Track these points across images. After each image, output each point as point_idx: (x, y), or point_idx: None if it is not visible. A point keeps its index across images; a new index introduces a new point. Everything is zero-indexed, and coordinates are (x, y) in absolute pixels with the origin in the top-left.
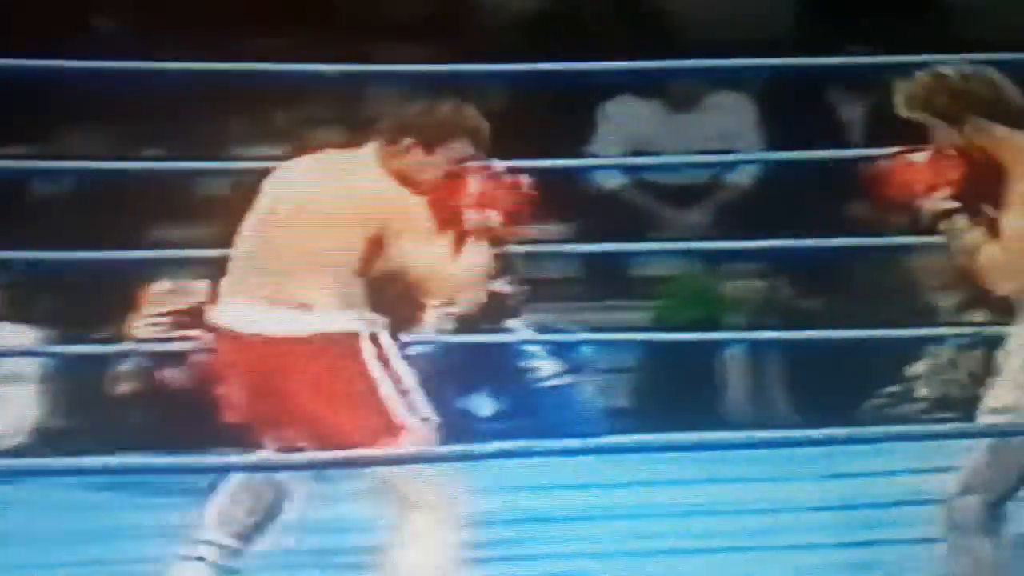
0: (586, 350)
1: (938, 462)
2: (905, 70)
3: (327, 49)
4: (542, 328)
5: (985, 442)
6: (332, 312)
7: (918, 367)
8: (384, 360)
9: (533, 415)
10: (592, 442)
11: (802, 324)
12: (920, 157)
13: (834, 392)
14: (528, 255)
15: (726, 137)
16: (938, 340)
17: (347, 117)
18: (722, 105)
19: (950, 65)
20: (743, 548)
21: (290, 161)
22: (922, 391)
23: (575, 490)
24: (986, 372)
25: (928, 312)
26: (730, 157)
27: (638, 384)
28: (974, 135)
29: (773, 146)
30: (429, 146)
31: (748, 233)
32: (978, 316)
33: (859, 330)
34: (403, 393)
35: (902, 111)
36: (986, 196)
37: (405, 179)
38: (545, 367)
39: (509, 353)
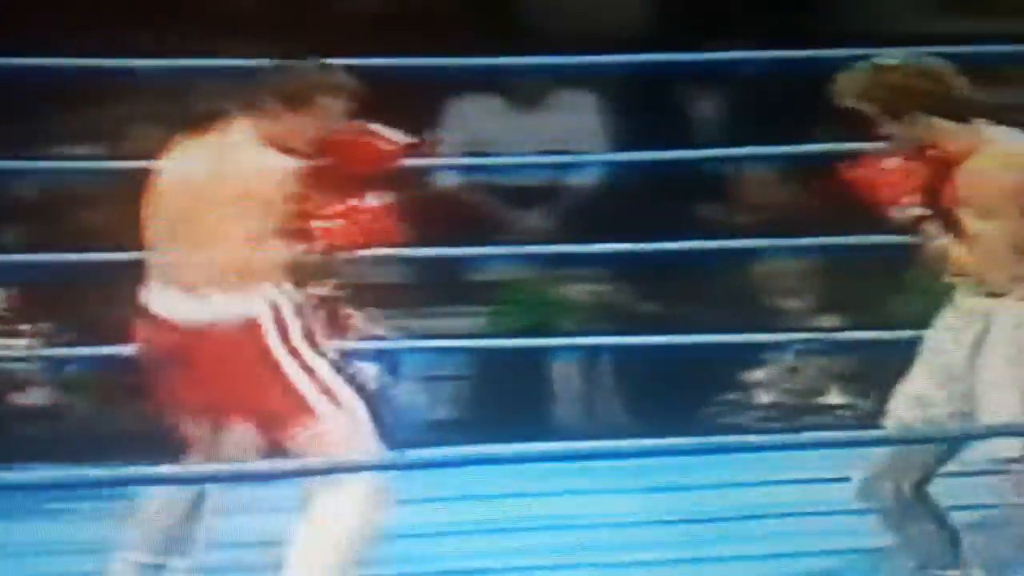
0: (413, 358)
1: (777, 474)
2: (762, 65)
3: (163, 44)
4: (366, 335)
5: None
6: (236, 295)
7: (758, 374)
8: (290, 343)
9: None
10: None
11: (641, 330)
12: (887, 161)
13: (670, 400)
14: (357, 258)
15: (571, 137)
16: (780, 346)
17: (173, 113)
18: (568, 103)
19: (892, 56)
20: (562, 566)
21: (176, 148)
22: (761, 398)
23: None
24: (828, 379)
25: (772, 317)
26: (574, 158)
27: (467, 393)
28: (917, 130)
29: (620, 146)
30: (295, 108)
31: (591, 236)
32: (824, 321)
33: (699, 335)
34: (312, 376)
35: (842, 102)
36: (945, 195)
37: (282, 145)
38: (368, 375)
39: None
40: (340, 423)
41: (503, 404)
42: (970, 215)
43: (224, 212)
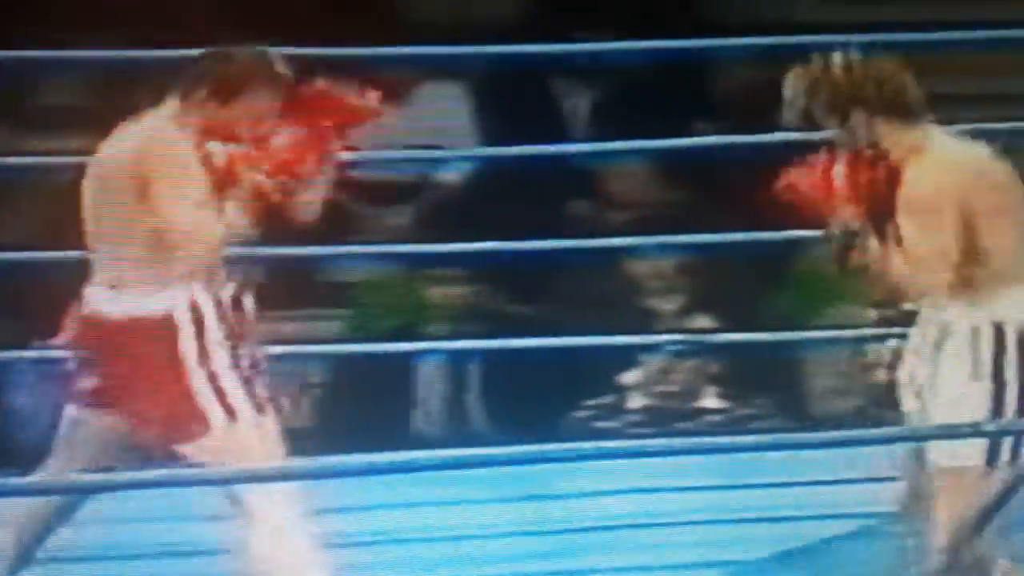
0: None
1: (651, 482)
2: (639, 56)
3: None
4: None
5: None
6: (148, 290)
7: (630, 376)
8: (204, 346)
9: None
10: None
11: (509, 331)
12: (823, 163)
13: (540, 404)
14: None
15: (439, 131)
16: (653, 348)
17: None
18: (434, 96)
19: (838, 51)
20: None
21: (110, 138)
22: (634, 402)
23: None
24: (703, 381)
25: (645, 318)
26: (440, 153)
27: (326, 400)
28: (862, 131)
29: (489, 141)
30: (224, 98)
31: (458, 235)
32: (699, 322)
33: (569, 337)
34: (217, 385)
35: (790, 99)
36: (887, 202)
37: (206, 135)
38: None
39: None
40: (238, 437)
41: (364, 411)
42: (908, 222)
43: (143, 202)
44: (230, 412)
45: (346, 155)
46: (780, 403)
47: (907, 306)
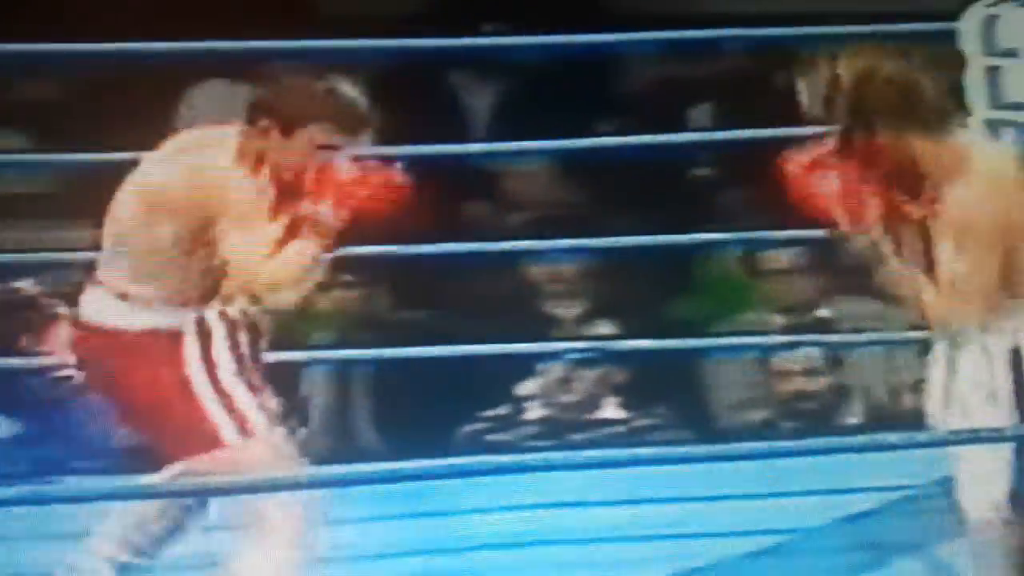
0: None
1: (548, 497)
2: (546, 51)
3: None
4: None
5: None
6: (162, 306)
7: (528, 387)
8: (211, 364)
9: (54, 439)
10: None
11: (399, 341)
12: (837, 174)
13: (431, 417)
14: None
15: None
16: (552, 356)
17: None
18: None
19: (857, 55)
20: None
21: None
22: (531, 414)
23: None
24: (603, 391)
25: (545, 325)
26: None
27: None
28: (883, 139)
29: (385, 139)
30: (288, 128)
31: (343, 239)
32: (600, 329)
33: (463, 346)
34: (226, 403)
35: (807, 104)
36: (914, 220)
37: (262, 163)
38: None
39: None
40: (250, 453)
41: None
42: (946, 246)
43: (163, 218)
44: (243, 427)
45: None
46: (684, 414)
47: (819, 313)
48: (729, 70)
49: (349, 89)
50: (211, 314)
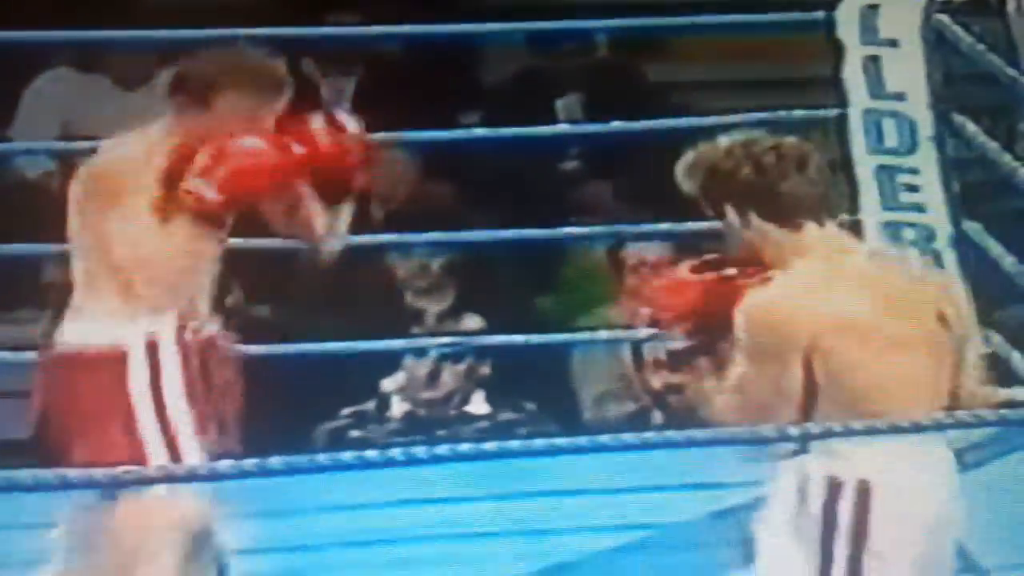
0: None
1: (410, 494)
2: (407, 40)
3: None
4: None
5: None
6: (103, 318)
7: (393, 382)
8: (155, 385)
9: None
10: None
11: (255, 337)
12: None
13: (293, 414)
14: None
15: None
16: (418, 351)
17: None
18: None
19: (737, 135)
20: None
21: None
22: (396, 409)
23: None
24: (469, 386)
25: (408, 319)
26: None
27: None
28: (739, 228)
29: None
30: (204, 99)
31: None
32: (466, 324)
33: (324, 343)
34: (165, 428)
35: (681, 186)
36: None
37: (196, 141)
38: None
39: None
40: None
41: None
42: (743, 352)
43: (94, 219)
44: (174, 453)
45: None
46: (552, 408)
47: None
48: (596, 61)
49: (261, 53)
50: (164, 334)
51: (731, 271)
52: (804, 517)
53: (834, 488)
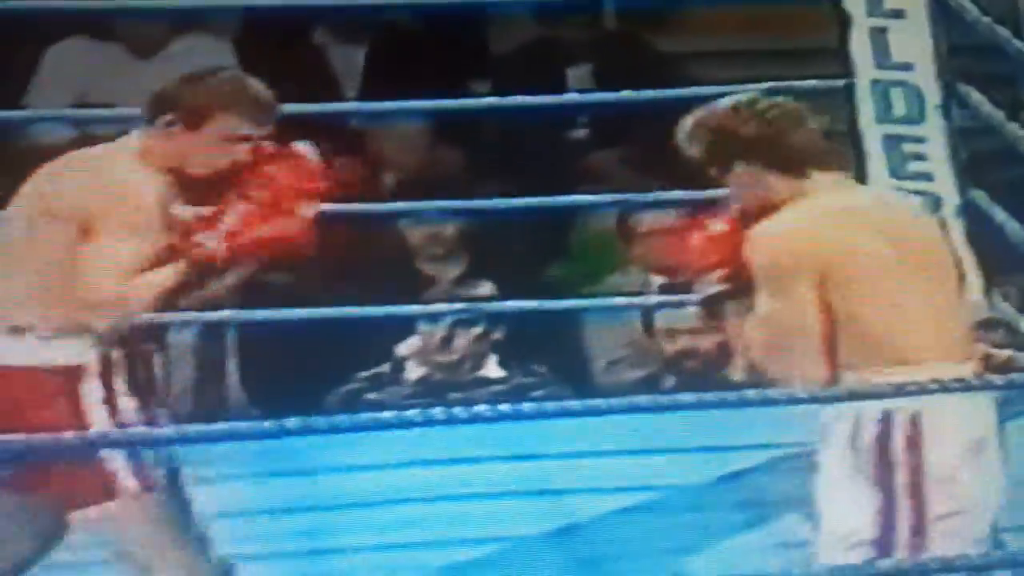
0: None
1: (426, 454)
2: (419, 10)
3: None
4: None
5: None
6: (52, 337)
7: (407, 347)
8: (111, 403)
9: None
10: None
11: (271, 302)
12: (704, 225)
13: (309, 378)
14: None
15: None
16: (432, 317)
17: None
18: (192, 50)
19: (738, 95)
20: None
21: (44, 166)
22: (411, 373)
23: None
24: (483, 350)
25: (422, 286)
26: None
27: None
28: (744, 182)
29: None
30: (193, 121)
31: None
32: (479, 290)
33: (339, 308)
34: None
35: (681, 147)
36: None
37: (173, 168)
38: None
39: None
40: (143, 507)
41: None
42: (762, 290)
43: (49, 239)
44: (143, 479)
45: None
46: (565, 372)
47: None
48: (604, 32)
49: (250, 79)
50: (114, 349)
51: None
52: (860, 454)
53: (886, 422)
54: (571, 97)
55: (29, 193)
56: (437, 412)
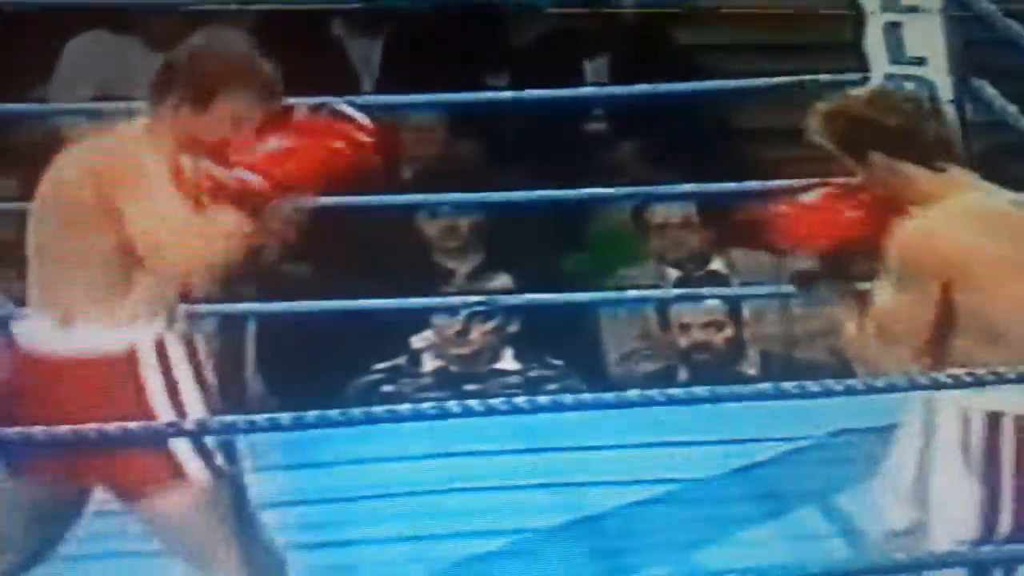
0: None
1: (438, 447)
2: (423, 2)
3: None
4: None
5: None
6: (104, 324)
7: (422, 339)
8: (171, 386)
9: None
10: None
11: (289, 294)
12: (813, 198)
13: (325, 370)
14: None
15: None
16: (448, 310)
17: None
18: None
19: (868, 86)
20: None
21: (65, 151)
22: (427, 365)
23: None
24: (499, 343)
25: (438, 278)
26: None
27: None
28: (880, 172)
29: None
30: (199, 101)
31: None
32: (496, 282)
33: (356, 300)
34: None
35: (812, 137)
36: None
37: (182, 147)
38: None
39: None
40: (211, 492)
41: None
42: (889, 279)
43: (104, 224)
44: (208, 461)
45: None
46: (580, 365)
47: (711, 267)
48: (623, 24)
49: (256, 56)
50: (169, 335)
51: (864, 204)
52: (967, 451)
53: (994, 421)
54: (588, 90)
55: (50, 185)
56: (452, 405)
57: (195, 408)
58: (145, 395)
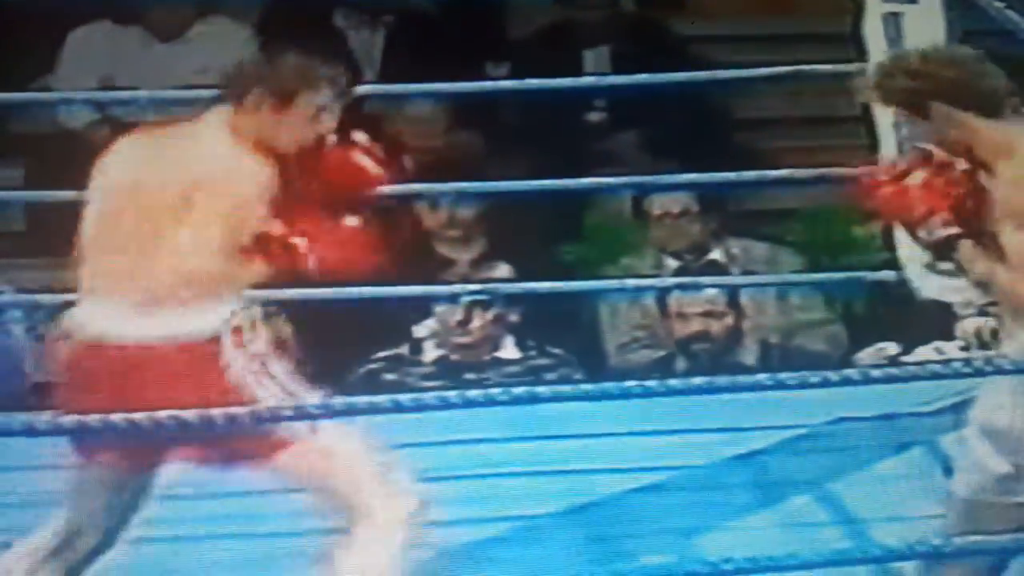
0: None
1: (439, 435)
2: None
3: None
4: None
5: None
6: (189, 310)
7: (424, 328)
8: (260, 364)
9: None
10: None
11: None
12: (915, 176)
13: (326, 358)
14: None
15: (218, 70)
16: (448, 299)
17: None
18: (213, 33)
19: (918, 48)
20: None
21: (123, 140)
22: (428, 354)
23: None
24: (499, 332)
25: (439, 267)
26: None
27: None
28: (943, 126)
29: None
30: (281, 99)
31: None
32: (495, 272)
33: (359, 287)
34: (286, 398)
35: (867, 100)
36: (980, 208)
37: (262, 145)
38: None
39: None
40: (322, 443)
41: None
42: (1008, 229)
43: (183, 216)
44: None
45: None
46: (580, 354)
47: (710, 257)
48: (622, 15)
49: (321, 64)
50: (247, 314)
51: (961, 167)
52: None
53: None
54: (588, 80)
55: (114, 169)
56: (453, 395)
57: (288, 379)
58: (236, 374)
